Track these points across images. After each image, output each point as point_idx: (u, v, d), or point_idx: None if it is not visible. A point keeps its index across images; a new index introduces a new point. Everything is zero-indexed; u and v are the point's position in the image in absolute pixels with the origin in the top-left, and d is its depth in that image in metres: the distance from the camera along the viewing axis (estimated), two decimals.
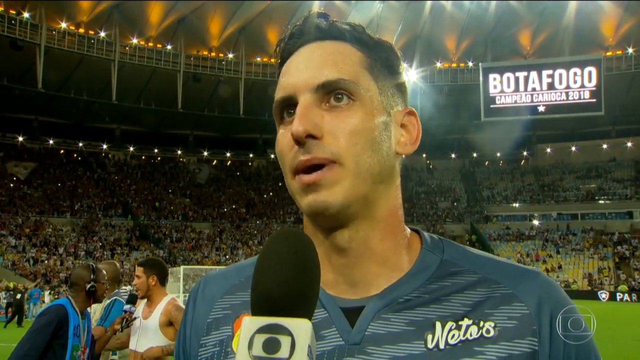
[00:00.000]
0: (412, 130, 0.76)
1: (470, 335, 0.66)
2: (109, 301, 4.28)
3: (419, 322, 0.67)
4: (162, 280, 3.89)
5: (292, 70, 0.71)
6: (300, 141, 0.66)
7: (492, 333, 0.66)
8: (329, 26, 0.74)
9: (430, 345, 0.65)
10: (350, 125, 0.68)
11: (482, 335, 0.66)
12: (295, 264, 0.53)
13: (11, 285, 23.33)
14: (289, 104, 0.71)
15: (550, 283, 0.71)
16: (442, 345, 0.65)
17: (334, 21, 0.75)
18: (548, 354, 0.66)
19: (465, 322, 0.67)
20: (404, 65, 0.76)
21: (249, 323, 0.50)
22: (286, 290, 0.52)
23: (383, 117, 0.71)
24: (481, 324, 0.67)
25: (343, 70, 0.69)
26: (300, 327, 0.49)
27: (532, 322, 0.67)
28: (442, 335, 0.66)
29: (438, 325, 0.67)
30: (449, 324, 0.67)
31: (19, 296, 19.46)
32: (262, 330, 0.49)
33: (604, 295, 32.95)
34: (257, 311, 0.52)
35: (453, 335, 0.66)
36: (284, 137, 0.70)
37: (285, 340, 0.48)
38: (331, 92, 0.69)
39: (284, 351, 0.48)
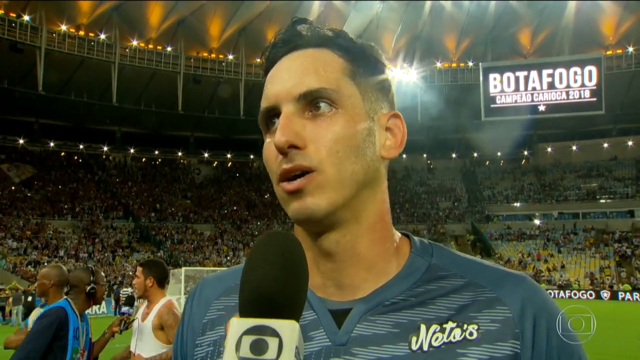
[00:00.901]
0: (397, 134, 0.75)
1: (454, 337, 0.67)
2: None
3: (404, 324, 0.68)
4: (161, 282, 3.86)
5: (274, 80, 0.72)
6: (283, 151, 0.67)
7: (475, 336, 0.67)
8: (311, 33, 0.74)
9: (414, 347, 0.67)
10: (332, 133, 0.68)
11: (465, 337, 0.67)
12: (283, 264, 0.54)
13: (13, 284, 23.39)
14: (273, 113, 0.71)
15: (534, 287, 0.72)
16: (425, 347, 0.67)
17: (316, 27, 0.75)
18: (530, 356, 0.67)
19: (450, 325, 0.68)
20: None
21: (237, 324, 0.50)
22: (274, 290, 0.52)
23: (366, 123, 0.71)
24: (465, 327, 0.68)
25: (324, 78, 0.69)
26: (288, 329, 0.49)
27: (514, 326, 0.68)
28: (426, 338, 0.67)
29: (423, 327, 0.68)
30: (434, 327, 0.68)
31: (30, 298, 19.62)
32: (249, 331, 0.49)
33: (605, 294, 32.92)
34: (244, 312, 0.53)
35: (437, 338, 0.67)
36: (269, 145, 0.70)
37: (272, 342, 0.49)
38: (313, 101, 0.69)
39: (271, 352, 0.48)
